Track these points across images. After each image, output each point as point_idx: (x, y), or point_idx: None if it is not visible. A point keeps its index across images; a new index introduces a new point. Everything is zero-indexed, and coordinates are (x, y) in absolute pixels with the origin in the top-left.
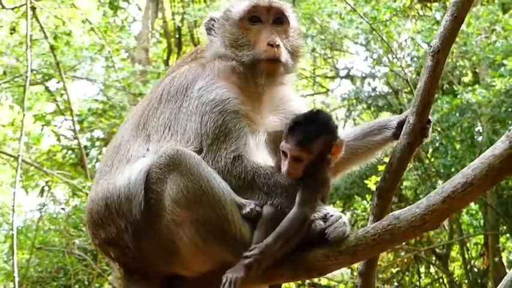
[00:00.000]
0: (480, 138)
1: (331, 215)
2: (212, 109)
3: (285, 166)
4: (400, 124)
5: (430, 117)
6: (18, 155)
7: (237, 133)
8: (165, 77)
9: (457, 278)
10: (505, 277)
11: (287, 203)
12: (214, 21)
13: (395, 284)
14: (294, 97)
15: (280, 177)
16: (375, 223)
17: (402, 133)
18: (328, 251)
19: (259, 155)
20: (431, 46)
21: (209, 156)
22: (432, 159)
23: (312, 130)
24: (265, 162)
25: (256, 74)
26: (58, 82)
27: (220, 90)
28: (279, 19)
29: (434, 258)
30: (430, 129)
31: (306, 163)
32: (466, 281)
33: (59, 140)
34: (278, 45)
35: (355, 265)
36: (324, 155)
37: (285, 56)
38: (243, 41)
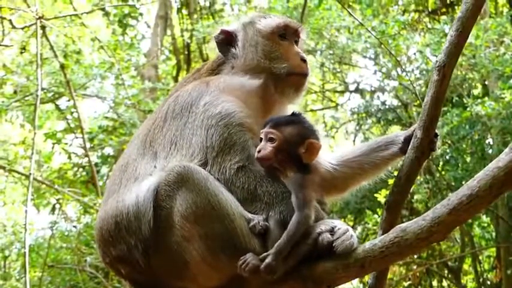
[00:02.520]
0: (490, 151)
1: (339, 228)
2: (218, 122)
3: (258, 147)
4: (407, 139)
5: (437, 130)
6: (30, 173)
7: (242, 145)
8: (169, 97)
9: None
10: None
11: (288, 210)
12: (232, 35)
13: None
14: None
15: (280, 186)
16: (382, 236)
17: (410, 147)
18: (337, 263)
19: None
20: (437, 61)
21: (214, 168)
22: (443, 172)
23: (288, 118)
24: None
25: (286, 86)
26: (68, 100)
27: (225, 104)
28: (297, 41)
29: (446, 271)
30: (438, 143)
31: (278, 146)
32: None
33: (69, 157)
34: (307, 62)
35: (366, 278)
36: (296, 147)
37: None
38: (277, 54)
